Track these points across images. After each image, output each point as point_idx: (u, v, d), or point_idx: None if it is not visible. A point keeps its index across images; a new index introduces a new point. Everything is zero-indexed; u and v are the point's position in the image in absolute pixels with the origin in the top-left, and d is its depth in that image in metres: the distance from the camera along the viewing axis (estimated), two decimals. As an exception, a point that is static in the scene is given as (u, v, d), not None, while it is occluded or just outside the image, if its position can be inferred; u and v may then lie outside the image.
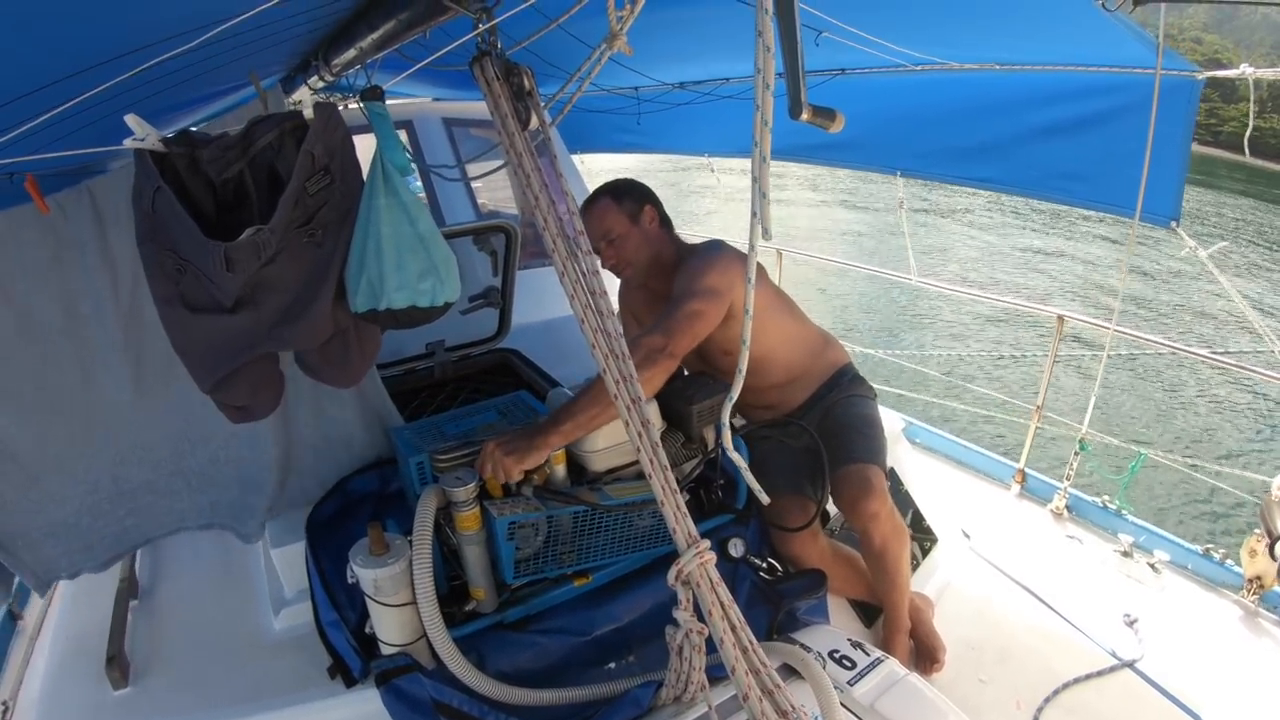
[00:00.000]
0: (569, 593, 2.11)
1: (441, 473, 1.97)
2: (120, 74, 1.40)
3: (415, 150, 4.11)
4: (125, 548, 2.34)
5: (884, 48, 3.39)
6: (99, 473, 2.20)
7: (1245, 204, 36.00)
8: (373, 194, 1.61)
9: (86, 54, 1.33)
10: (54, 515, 2.16)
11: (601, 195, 2.72)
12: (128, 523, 2.30)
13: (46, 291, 1.95)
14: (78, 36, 1.25)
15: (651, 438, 1.44)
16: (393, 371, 3.16)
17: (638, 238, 2.70)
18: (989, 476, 4.56)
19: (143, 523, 2.33)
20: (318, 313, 1.67)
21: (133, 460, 2.25)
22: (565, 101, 1.76)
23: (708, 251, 2.59)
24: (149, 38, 1.37)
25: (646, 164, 16.49)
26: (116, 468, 2.23)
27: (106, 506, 2.25)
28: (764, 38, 1.10)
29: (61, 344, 2.02)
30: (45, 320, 1.97)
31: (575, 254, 1.53)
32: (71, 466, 2.15)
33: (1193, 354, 4.56)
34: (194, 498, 2.41)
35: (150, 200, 1.53)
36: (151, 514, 2.35)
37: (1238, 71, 3.29)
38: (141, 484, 2.29)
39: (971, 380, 9.73)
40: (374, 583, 1.80)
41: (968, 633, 2.98)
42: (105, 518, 2.25)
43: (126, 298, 2.05)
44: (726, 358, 2.68)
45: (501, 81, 1.52)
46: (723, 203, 6.26)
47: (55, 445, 2.10)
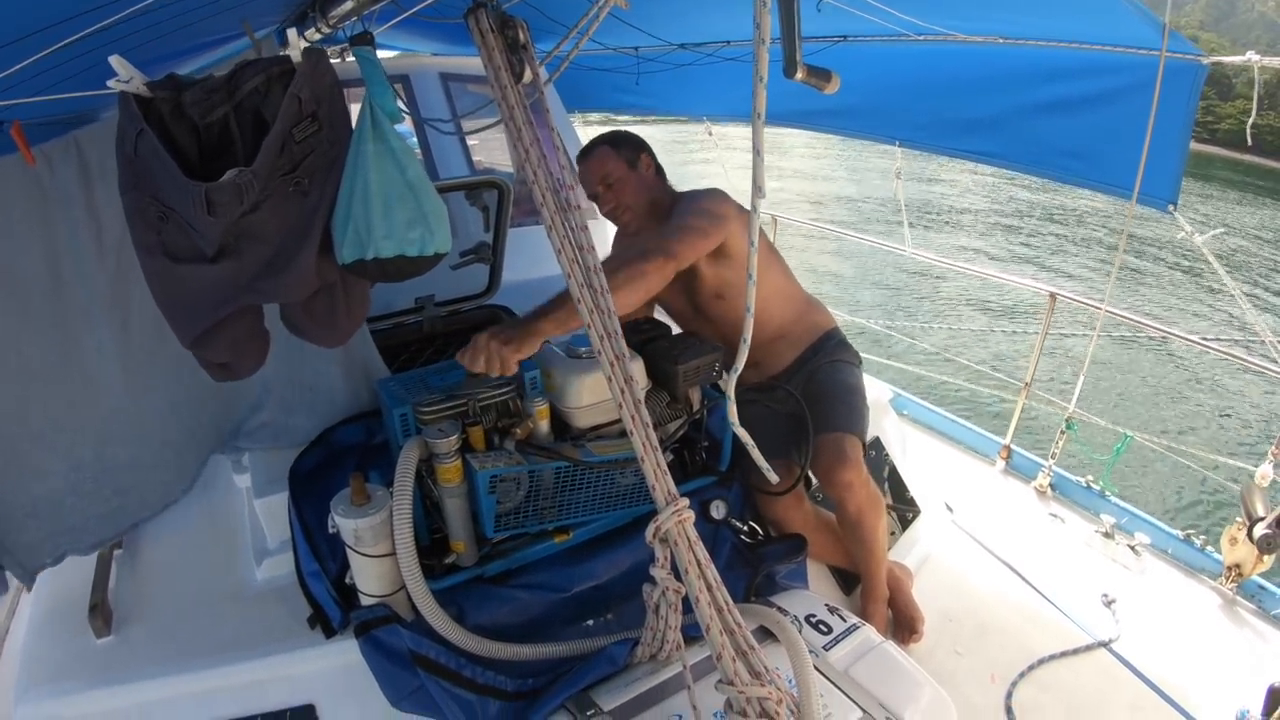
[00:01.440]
0: (549, 549, 2.12)
1: (425, 424, 1.96)
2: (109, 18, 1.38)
3: (411, 104, 4.08)
4: (111, 532, 2.28)
5: (887, 15, 3.36)
6: (82, 448, 2.13)
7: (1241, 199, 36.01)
8: (360, 139, 1.58)
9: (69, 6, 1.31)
10: (36, 491, 2.09)
11: (599, 143, 2.77)
12: (114, 503, 2.24)
13: (30, 249, 1.89)
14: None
15: (634, 395, 1.44)
16: (381, 325, 3.15)
17: (635, 182, 2.75)
18: (974, 451, 4.58)
19: (129, 503, 2.28)
20: (302, 264, 1.63)
21: (117, 436, 2.19)
22: (563, 57, 1.74)
23: (710, 190, 2.68)
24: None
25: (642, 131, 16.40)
26: (100, 444, 2.16)
27: (90, 486, 2.18)
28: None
29: (43, 307, 1.95)
30: (27, 280, 1.91)
31: (564, 208, 1.52)
32: (53, 439, 2.08)
33: (1184, 338, 4.54)
34: (181, 460, 2.38)
35: (133, 144, 1.49)
36: (138, 492, 2.30)
37: (1243, 59, 3.26)
38: (127, 460, 2.24)
39: (961, 354, 9.76)
40: (354, 533, 1.80)
41: (946, 605, 3.01)
42: (90, 497, 2.19)
43: (112, 254, 2.00)
44: (718, 302, 2.70)
45: (496, 34, 1.50)
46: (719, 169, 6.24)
47: (36, 416, 2.03)
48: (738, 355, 1.50)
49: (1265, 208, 34.18)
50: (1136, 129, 3.46)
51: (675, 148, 24.22)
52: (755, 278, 1.34)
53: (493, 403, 2.09)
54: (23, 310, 1.92)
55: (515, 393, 2.15)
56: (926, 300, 14.65)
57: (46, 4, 1.24)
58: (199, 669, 1.97)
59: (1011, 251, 20.12)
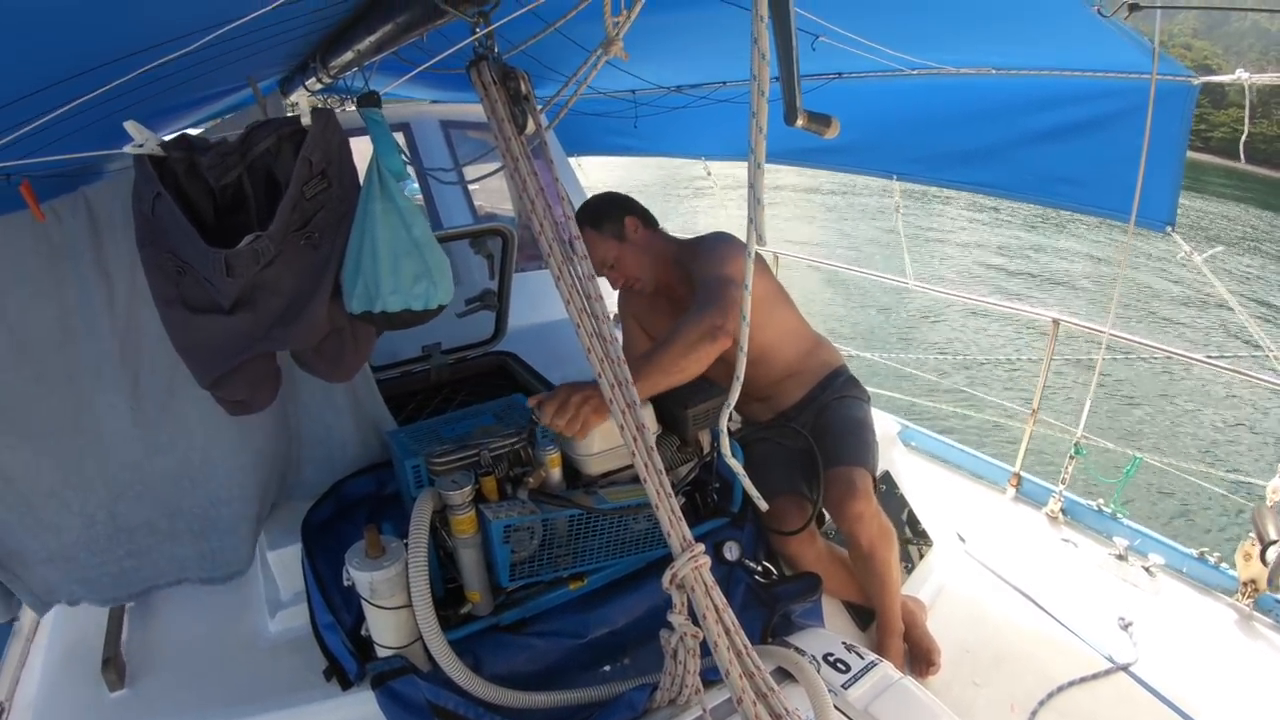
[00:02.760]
0: (564, 596, 2.11)
1: (437, 476, 1.97)
2: (118, 77, 1.41)
3: (412, 152, 4.12)
4: (126, 591, 2.28)
5: (880, 52, 3.40)
6: (95, 506, 2.14)
7: (1236, 209, 36.18)
8: (369, 199, 1.62)
9: (85, 57, 1.34)
10: (51, 544, 2.11)
11: (581, 228, 2.49)
12: (127, 564, 2.25)
13: (40, 305, 1.91)
14: (76, 40, 1.26)
15: (646, 442, 1.45)
16: (389, 374, 3.17)
17: (632, 253, 2.77)
18: (984, 480, 4.57)
19: (143, 566, 2.28)
20: (314, 314, 1.68)
21: (130, 495, 2.19)
22: (562, 105, 1.77)
23: (725, 240, 2.66)
24: (147, 41, 1.37)
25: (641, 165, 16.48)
26: (113, 502, 2.17)
27: (104, 543, 2.19)
28: (759, 44, 1.11)
29: (55, 362, 1.97)
30: (38, 336, 1.93)
31: (571, 258, 1.54)
32: (67, 497, 2.09)
33: (1188, 358, 4.55)
34: (197, 544, 2.35)
35: (150, 205, 1.54)
36: (152, 558, 2.29)
37: (1233, 77, 3.29)
38: (141, 523, 2.23)
39: (967, 384, 9.76)
40: (370, 585, 1.80)
41: (963, 636, 2.99)
42: (103, 554, 2.20)
43: (123, 313, 2.01)
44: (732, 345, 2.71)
45: (498, 85, 1.53)
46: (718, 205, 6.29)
47: (49, 472, 2.04)
48: (731, 392, 1.51)
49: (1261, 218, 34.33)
50: (1131, 152, 3.49)
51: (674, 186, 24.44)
52: (749, 319, 1.35)
53: (504, 452, 2.11)
54: (34, 366, 1.94)
55: (527, 441, 2.16)
56: (930, 331, 14.67)
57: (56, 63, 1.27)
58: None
59: (1013, 278, 20.15)
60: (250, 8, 1.34)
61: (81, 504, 2.11)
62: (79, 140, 1.73)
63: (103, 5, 1.19)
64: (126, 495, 2.18)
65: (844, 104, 4.53)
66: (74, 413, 2.03)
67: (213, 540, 2.36)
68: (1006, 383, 11.81)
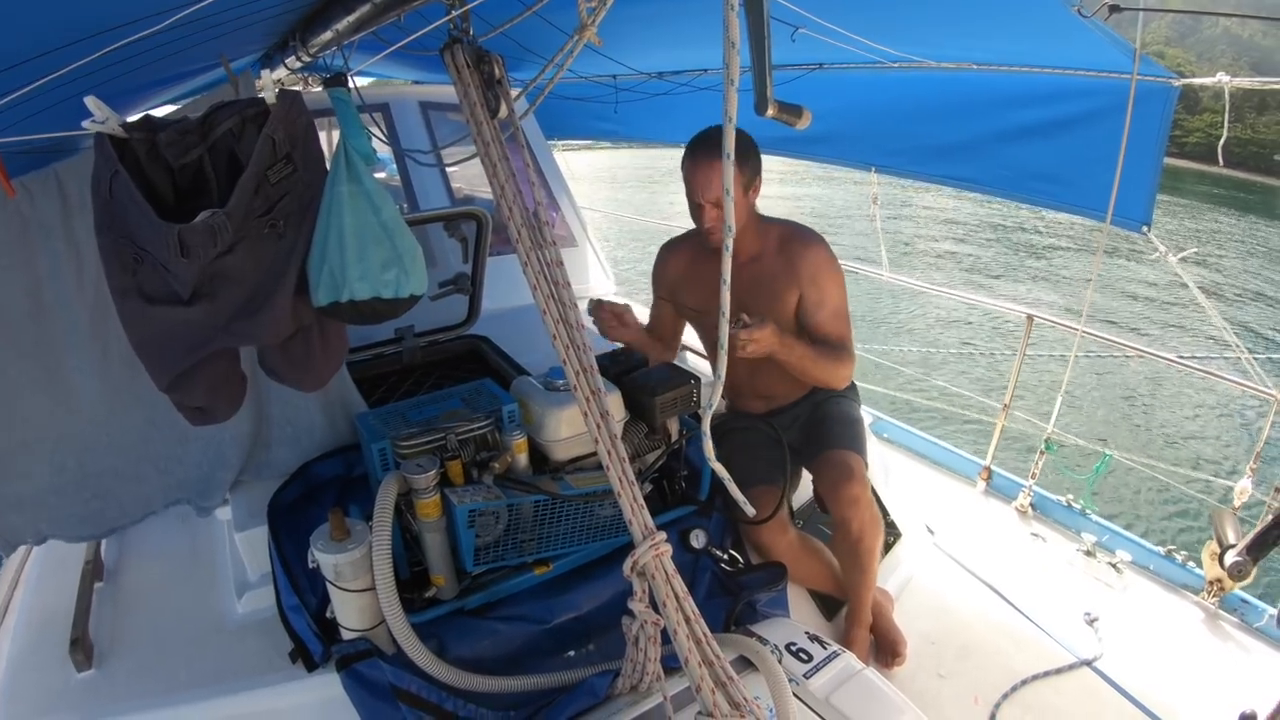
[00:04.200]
0: (529, 581, 2.11)
1: (404, 459, 1.97)
2: (88, 54, 1.39)
3: (390, 133, 4.10)
4: (91, 531, 2.33)
5: (861, 44, 3.40)
6: (64, 455, 2.20)
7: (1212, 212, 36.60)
8: (335, 181, 1.59)
9: (54, 34, 1.32)
10: (20, 489, 2.16)
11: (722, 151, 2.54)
12: (94, 505, 2.30)
13: (12, 276, 1.95)
14: (46, 17, 1.24)
15: (610, 429, 1.45)
16: (361, 356, 3.15)
17: (743, 208, 2.61)
18: (955, 473, 4.61)
19: (108, 507, 2.33)
20: (277, 306, 1.64)
21: (99, 446, 2.25)
22: (540, 90, 1.76)
23: (828, 251, 2.72)
24: (119, 18, 1.35)
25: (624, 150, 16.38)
26: (82, 453, 2.23)
27: (72, 489, 2.24)
28: (730, 34, 1.10)
29: (27, 330, 2.02)
30: (10, 305, 1.97)
31: (539, 244, 1.53)
32: (36, 447, 2.15)
33: (1160, 357, 4.59)
34: (160, 479, 2.40)
35: (108, 186, 1.51)
36: (118, 499, 2.34)
37: (1214, 79, 3.32)
38: (107, 468, 2.29)
39: (940, 377, 9.81)
40: (334, 568, 1.80)
41: (928, 628, 3.02)
42: (71, 498, 2.25)
43: (92, 285, 2.05)
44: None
45: (472, 69, 1.51)
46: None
47: (20, 426, 2.11)
48: (714, 392, 1.51)
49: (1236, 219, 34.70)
50: (1109, 152, 3.51)
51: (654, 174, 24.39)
52: (728, 314, 1.35)
53: (471, 436, 2.11)
54: (7, 333, 2.00)
55: (493, 426, 2.16)
56: (904, 324, 14.73)
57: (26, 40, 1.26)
58: (181, 703, 1.96)
59: (989, 273, 20.28)
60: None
61: (51, 454, 2.18)
62: (50, 117, 1.72)
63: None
64: (95, 446, 2.24)
65: (825, 95, 4.55)
66: (45, 376, 2.09)
67: (177, 474, 2.42)
68: (980, 377, 11.88)
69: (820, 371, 2.65)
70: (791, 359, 2.53)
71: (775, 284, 2.68)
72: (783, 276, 2.67)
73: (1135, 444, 10.24)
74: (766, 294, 2.68)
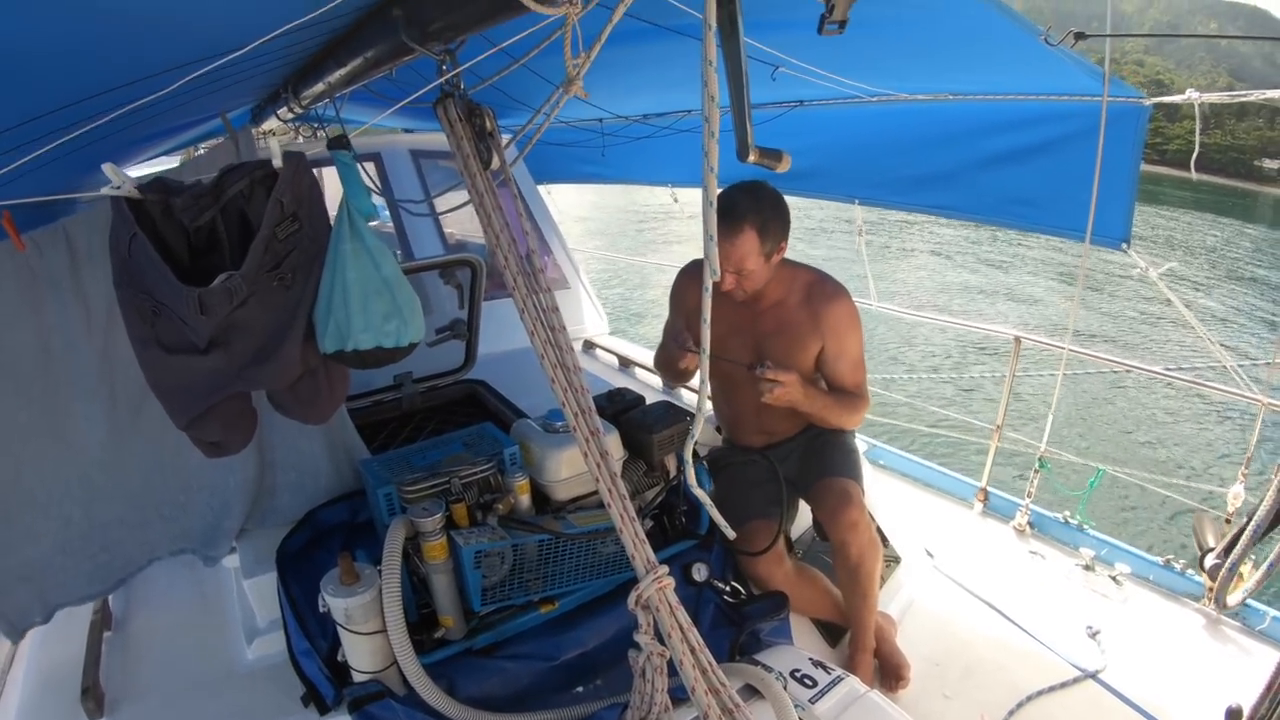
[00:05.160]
0: (536, 619, 2.15)
1: (410, 503, 2.01)
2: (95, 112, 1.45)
3: (383, 182, 4.16)
4: (99, 587, 2.35)
5: (839, 80, 3.47)
6: (71, 507, 2.22)
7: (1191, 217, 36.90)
8: (339, 239, 1.67)
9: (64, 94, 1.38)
10: (28, 554, 2.17)
11: (746, 223, 2.54)
12: (101, 559, 2.32)
13: (21, 327, 1.99)
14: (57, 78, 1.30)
15: (610, 469, 1.49)
16: (361, 403, 3.19)
17: (763, 273, 2.66)
18: (952, 495, 4.63)
19: (115, 559, 2.35)
20: (287, 354, 1.72)
21: (105, 495, 2.27)
22: (527, 139, 1.81)
23: (851, 303, 2.80)
24: (124, 78, 1.41)
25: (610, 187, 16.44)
26: (89, 503, 2.25)
27: (79, 543, 2.26)
28: (709, 88, 1.16)
29: (35, 380, 2.05)
30: (19, 356, 2.01)
31: (535, 291, 1.57)
32: (44, 502, 2.17)
33: (1146, 370, 4.65)
34: (165, 526, 2.43)
35: (126, 246, 1.58)
36: (123, 549, 2.36)
37: (1184, 97, 3.37)
38: (114, 518, 2.31)
39: (932, 402, 9.84)
40: (345, 612, 1.83)
41: (932, 650, 3.04)
42: (78, 554, 2.27)
43: (100, 336, 2.10)
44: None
45: (464, 123, 1.56)
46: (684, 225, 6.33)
47: (27, 480, 2.13)
48: (694, 424, 1.56)
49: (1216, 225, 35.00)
50: (1086, 173, 3.57)
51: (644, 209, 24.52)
52: (708, 350, 1.39)
53: (474, 480, 2.15)
54: (14, 383, 2.03)
55: (495, 469, 2.20)
56: (895, 351, 14.77)
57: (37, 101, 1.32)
58: None
59: (976, 297, 20.37)
60: (224, 45, 1.39)
61: (59, 506, 2.20)
62: (56, 170, 1.78)
63: (83, 47, 1.23)
64: (101, 494, 2.26)
65: (805, 131, 4.62)
66: (52, 424, 2.12)
67: (182, 522, 2.45)
68: (971, 399, 11.93)
69: (838, 419, 2.80)
70: (813, 410, 2.69)
71: (798, 331, 2.74)
72: (806, 325, 2.74)
73: (1128, 457, 10.29)
74: (788, 340, 2.74)
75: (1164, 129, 54.88)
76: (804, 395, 2.59)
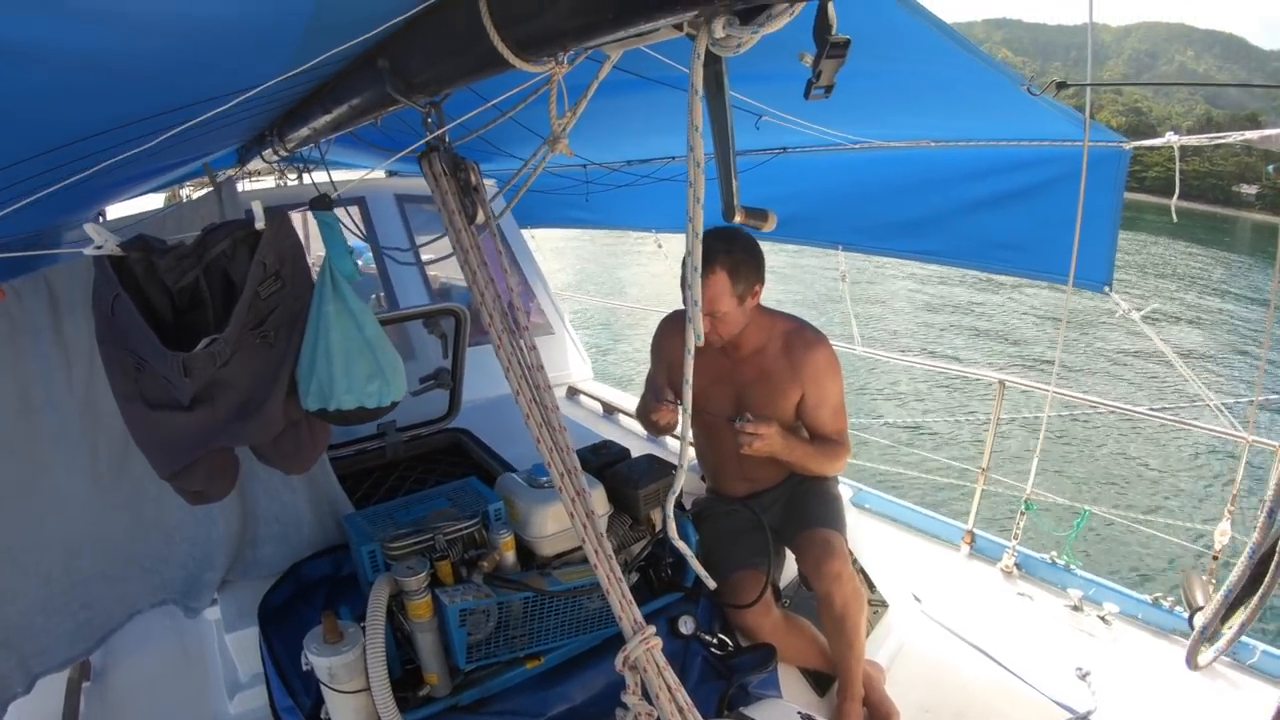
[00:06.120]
0: (522, 675, 2.12)
1: (393, 560, 1.99)
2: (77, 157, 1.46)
3: (368, 227, 4.17)
4: (81, 648, 2.31)
5: (822, 129, 3.51)
6: (50, 564, 2.19)
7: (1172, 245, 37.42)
8: (322, 300, 1.67)
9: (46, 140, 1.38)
10: (7, 614, 2.14)
11: (717, 265, 2.55)
12: (81, 617, 2.29)
13: (1, 377, 1.98)
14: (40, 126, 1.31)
15: (596, 529, 1.48)
16: (345, 452, 3.18)
17: (737, 318, 2.65)
18: (938, 539, 4.63)
19: (96, 616, 2.32)
20: (270, 409, 1.72)
21: (86, 549, 2.25)
22: (514, 192, 1.82)
23: (829, 350, 2.79)
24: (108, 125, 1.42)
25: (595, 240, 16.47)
26: (70, 558, 2.23)
27: (60, 601, 2.23)
28: (695, 154, 1.16)
29: (16, 431, 2.04)
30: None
31: (519, 348, 1.57)
32: (23, 559, 2.14)
33: (1130, 411, 4.68)
34: (146, 579, 2.41)
35: (109, 305, 1.58)
36: (104, 604, 2.33)
37: (1164, 140, 3.42)
38: (95, 573, 2.29)
39: (918, 446, 9.88)
40: (329, 670, 1.81)
41: (922, 696, 3.02)
42: (59, 614, 2.23)
43: (81, 387, 2.09)
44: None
45: (449, 177, 1.57)
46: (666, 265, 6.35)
47: (6, 536, 2.10)
48: (676, 479, 1.56)
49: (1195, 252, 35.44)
50: (1067, 217, 3.62)
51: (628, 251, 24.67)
52: (689, 408, 1.39)
53: (459, 536, 2.14)
54: None
55: (480, 524, 2.20)
56: (879, 396, 14.84)
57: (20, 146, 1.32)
58: None
59: (960, 341, 20.52)
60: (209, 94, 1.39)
61: (37, 564, 2.17)
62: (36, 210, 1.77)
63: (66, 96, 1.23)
64: (82, 550, 2.24)
65: (789, 177, 4.67)
66: (34, 478, 2.10)
67: (164, 574, 2.43)
68: (956, 443, 11.98)
69: (818, 466, 2.80)
70: (794, 459, 2.69)
71: (778, 380, 2.74)
72: (786, 373, 2.74)
73: (1113, 497, 10.33)
74: (769, 389, 2.74)
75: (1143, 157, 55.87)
76: (784, 446, 2.61)
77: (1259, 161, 77.68)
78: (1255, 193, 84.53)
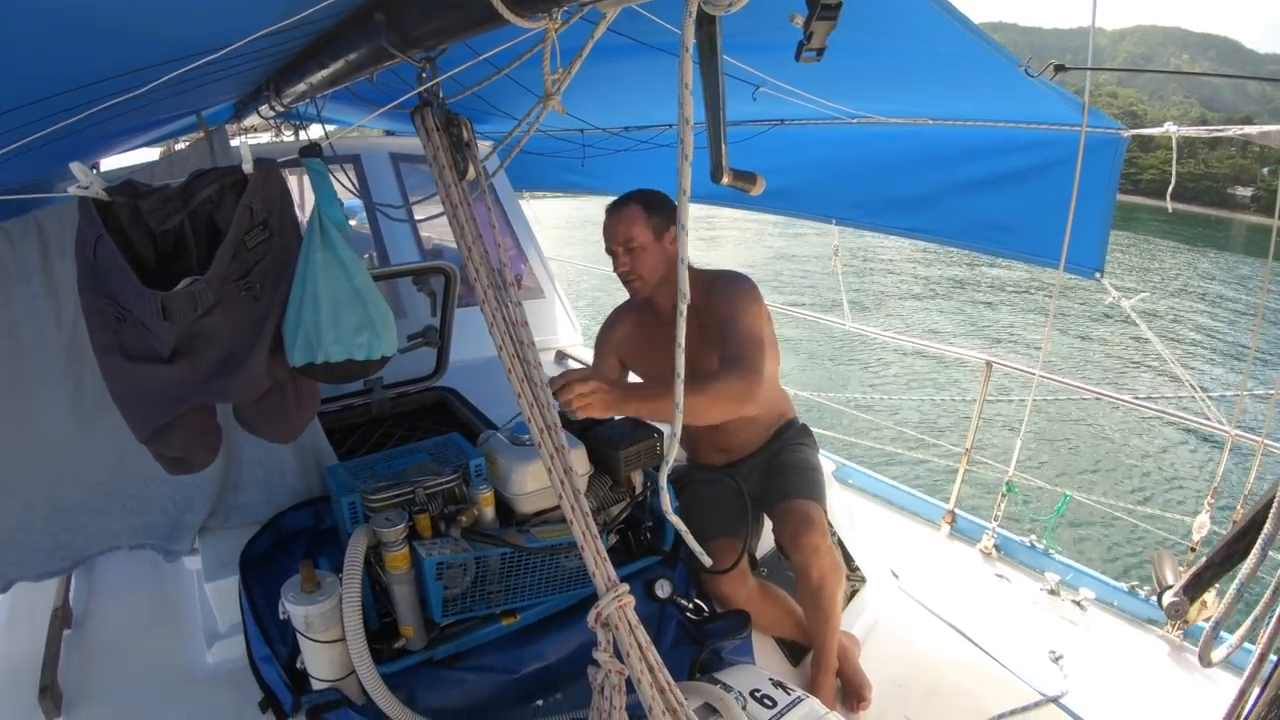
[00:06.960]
0: (497, 631, 2.14)
1: (373, 513, 2.00)
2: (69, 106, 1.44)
3: (361, 185, 4.15)
4: (59, 565, 2.38)
5: (820, 101, 3.50)
6: (34, 491, 2.26)
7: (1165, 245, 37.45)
8: (310, 249, 1.65)
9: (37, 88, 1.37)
10: None
11: (631, 201, 2.67)
12: (62, 539, 2.35)
13: None
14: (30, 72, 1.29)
15: (574, 485, 1.49)
16: (330, 407, 3.18)
17: (656, 254, 2.67)
18: (919, 517, 4.66)
19: (75, 540, 2.38)
20: (254, 365, 1.70)
21: (68, 480, 2.30)
22: (507, 152, 1.81)
23: (749, 288, 2.65)
24: (99, 74, 1.41)
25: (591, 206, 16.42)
26: (52, 487, 2.28)
27: (41, 523, 2.29)
28: (684, 110, 1.16)
29: (4, 368, 2.08)
30: None
31: (505, 304, 1.57)
32: (8, 484, 2.21)
33: (1115, 399, 4.70)
34: (128, 518, 2.45)
35: (92, 248, 1.56)
36: (85, 532, 2.39)
37: (1162, 130, 3.40)
38: (77, 503, 2.34)
39: (903, 423, 9.92)
40: (305, 619, 1.82)
41: (895, 671, 3.05)
42: (39, 533, 2.30)
43: (69, 327, 2.12)
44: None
45: (441, 132, 1.56)
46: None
47: None
48: (668, 449, 1.55)
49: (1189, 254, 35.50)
50: (1061, 202, 3.61)
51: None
52: (682, 374, 1.38)
53: (439, 490, 2.15)
54: None
55: (460, 480, 2.20)
56: (867, 372, 14.87)
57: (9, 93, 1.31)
58: None
59: (949, 320, 20.57)
60: (202, 45, 1.38)
61: (22, 488, 2.24)
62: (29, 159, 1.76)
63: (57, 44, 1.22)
64: (65, 481, 2.30)
65: (786, 150, 4.65)
66: (20, 414, 2.16)
67: (145, 515, 2.47)
68: (941, 422, 12.02)
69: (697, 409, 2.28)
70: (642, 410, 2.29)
71: (712, 331, 2.62)
72: (713, 322, 2.64)
73: (1095, 484, 10.40)
74: (705, 343, 2.63)
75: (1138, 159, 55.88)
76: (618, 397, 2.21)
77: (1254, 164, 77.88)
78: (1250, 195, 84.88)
